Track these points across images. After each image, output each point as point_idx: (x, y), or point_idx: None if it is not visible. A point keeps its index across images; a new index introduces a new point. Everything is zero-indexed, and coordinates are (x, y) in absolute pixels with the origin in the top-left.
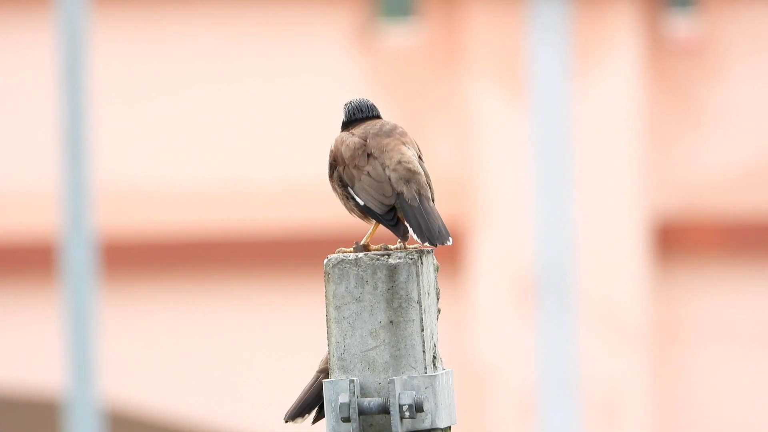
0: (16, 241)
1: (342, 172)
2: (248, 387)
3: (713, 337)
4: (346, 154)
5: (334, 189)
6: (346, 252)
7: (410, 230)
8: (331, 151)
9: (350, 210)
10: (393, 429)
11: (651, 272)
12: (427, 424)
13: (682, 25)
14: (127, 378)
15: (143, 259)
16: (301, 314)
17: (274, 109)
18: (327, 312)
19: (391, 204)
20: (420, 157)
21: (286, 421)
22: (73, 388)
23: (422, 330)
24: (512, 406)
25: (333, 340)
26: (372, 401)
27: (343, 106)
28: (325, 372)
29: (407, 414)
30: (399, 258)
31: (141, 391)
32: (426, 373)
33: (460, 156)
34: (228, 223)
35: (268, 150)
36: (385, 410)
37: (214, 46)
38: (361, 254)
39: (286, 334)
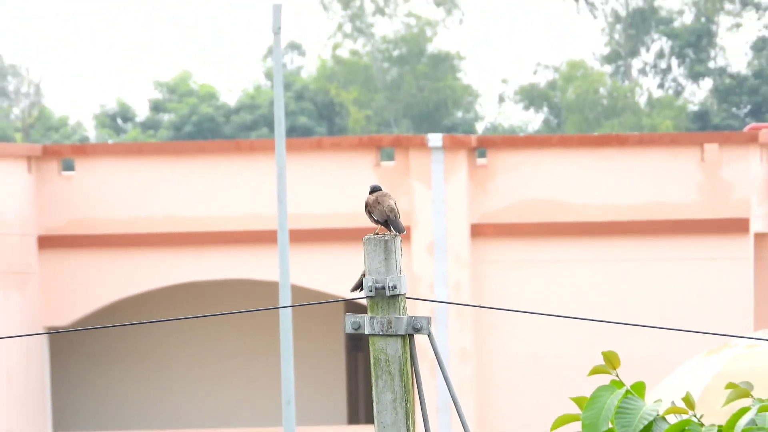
0: (251, 239)
1: (369, 209)
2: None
3: (504, 270)
4: (370, 202)
5: (367, 215)
6: (370, 236)
7: (392, 228)
8: (365, 203)
9: (373, 222)
10: (387, 294)
11: (471, 248)
12: (399, 292)
13: (481, 161)
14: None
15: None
16: (358, 259)
17: (349, 189)
18: (364, 254)
19: (386, 219)
20: (396, 203)
21: (351, 291)
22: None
23: (396, 261)
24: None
25: (366, 264)
26: (380, 283)
27: (369, 186)
28: (363, 275)
29: (391, 288)
30: (388, 237)
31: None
32: (398, 275)
33: (407, 208)
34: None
35: (350, 203)
36: (384, 288)
37: (321, 173)
38: (377, 236)
39: (348, 264)
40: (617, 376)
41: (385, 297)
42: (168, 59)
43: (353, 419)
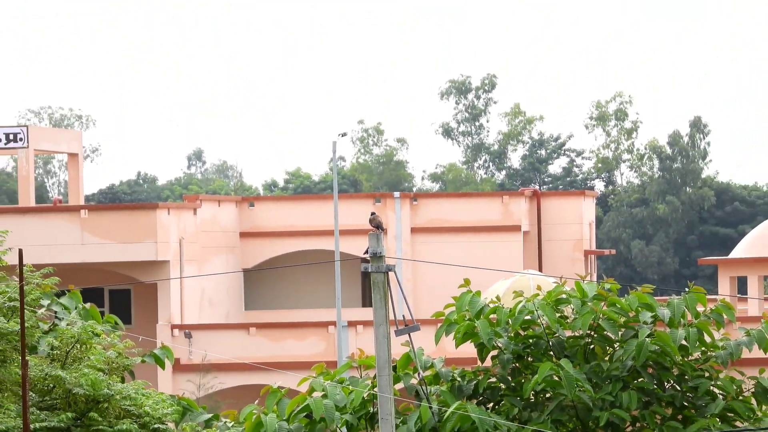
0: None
1: (370, 221)
2: None
3: (425, 245)
4: (371, 219)
5: (369, 224)
6: (371, 233)
7: (380, 230)
8: (369, 219)
9: (372, 227)
10: (377, 255)
11: (411, 237)
12: (382, 254)
13: (415, 203)
14: None
15: None
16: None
17: (363, 214)
18: (369, 239)
19: (377, 226)
20: (381, 219)
21: (363, 254)
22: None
23: (381, 242)
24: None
25: (369, 243)
26: (375, 251)
27: (370, 213)
28: (369, 247)
29: (379, 253)
30: (378, 233)
31: None
32: (382, 248)
33: (385, 222)
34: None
35: (363, 219)
36: (376, 253)
37: (351, 208)
38: (373, 232)
39: (363, 243)
40: (470, 289)
41: (377, 257)
42: (288, 160)
43: (364, 305)
